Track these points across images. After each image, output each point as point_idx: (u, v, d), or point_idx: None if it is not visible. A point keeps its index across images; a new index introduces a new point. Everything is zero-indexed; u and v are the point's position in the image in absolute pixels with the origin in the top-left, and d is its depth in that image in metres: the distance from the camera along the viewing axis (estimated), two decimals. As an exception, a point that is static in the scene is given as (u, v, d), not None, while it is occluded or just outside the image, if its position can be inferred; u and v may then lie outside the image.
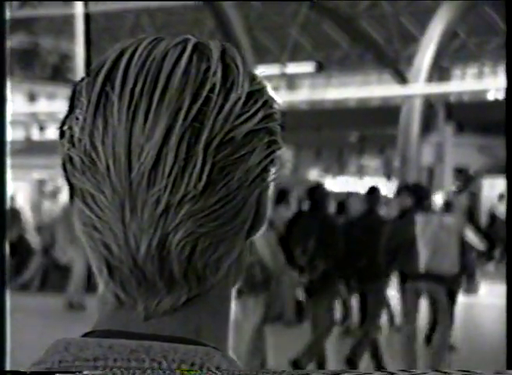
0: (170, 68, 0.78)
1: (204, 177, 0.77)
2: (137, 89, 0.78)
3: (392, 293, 8.36)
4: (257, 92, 0.81)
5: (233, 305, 0.84)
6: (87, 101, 0.79)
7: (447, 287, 7.59)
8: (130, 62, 0.79)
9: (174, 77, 0.78)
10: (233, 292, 0.84)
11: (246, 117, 0.79)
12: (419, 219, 7.45)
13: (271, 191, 0.83)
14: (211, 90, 0.78)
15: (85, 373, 0.77)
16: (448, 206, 7.95)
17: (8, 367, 3.44)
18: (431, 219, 7.49)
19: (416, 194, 7.70)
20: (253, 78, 0.82)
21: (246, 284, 7.04)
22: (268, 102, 0.82)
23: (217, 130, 0.77)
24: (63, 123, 0.82)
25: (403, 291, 7.59)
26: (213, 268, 0.80)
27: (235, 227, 0.80)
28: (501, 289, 4.78)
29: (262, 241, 7.14)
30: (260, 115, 0.80)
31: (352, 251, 7.66)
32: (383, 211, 10.17)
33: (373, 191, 8.20)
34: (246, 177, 0.79)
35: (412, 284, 7.44)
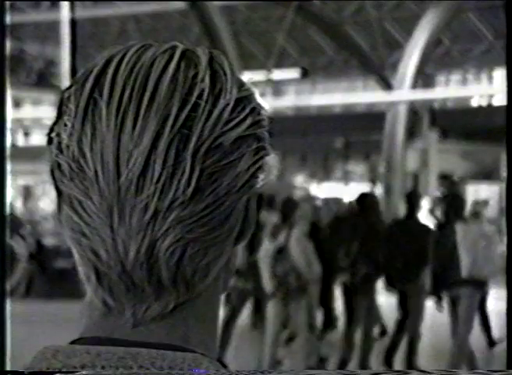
0: (158, 74, 0.78)
1: (193, 183, 0.77)
2: (125, 96, 0.77)
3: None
4: (245, 99, 0.81)
5: (221, 311, 0.84)
6: (76, 108, 0.79)
7: (484, 292, 8.08)
8: (118, 68, 0.79)
9: (162, 84, 0.78)
10: (221, 298, 0.84)
11: (234, 123, 0.79)
12: (459, 228, 7.84)
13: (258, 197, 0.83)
14: (200, 96, 0.78)
15: (84, 372, 0.77)
16: (477, 215, 8.20)
17: (8, 367, 3.43)
18: (469, 227, 7.87)
19: (454, 204, 8.10)
20: (241, 84, 0.82)
21: (281, 292, 7.38)
22: (256, 109, 0.82)
23: (205, 136, 0.77)
24: (51, 130, 0.81)
25: (443, 295, 7.97)
26: (202, 274, 0.79)
27: (223, 233, 0.80)
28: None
29: (298, 249, 7.37)
30: (248, 121, 0.80)
31: (393, 255, 7.99)
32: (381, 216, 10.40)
33: (412, 196, 8.51)
34: (234, 183, 0.79)
35: (453, 290, 7.79)
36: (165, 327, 0.79)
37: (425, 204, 17.73)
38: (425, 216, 17.28)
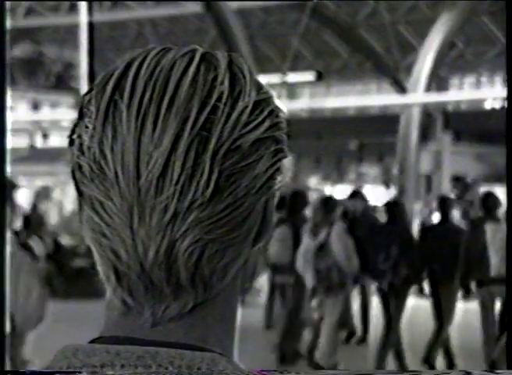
0: (178, 77, 0.78)
1: (212, 185, 0.77)
2: (146, 98, 0.78)
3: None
4: (263, 101, 0.81)
5: (239, 312, 0.84)
6: (97, 110, 0.79)
7: None
8: (139, 71, 0.79)
9: (182, 86, 0.78)
10: (239, 299, 0.84)
11: (253, 126, 0.79)
12: (488, 227, 8.05)
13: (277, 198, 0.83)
14: (219, 99, 0.78)
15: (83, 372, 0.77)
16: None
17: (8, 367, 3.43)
18: (499, 227, 8.02)
19: (487, 205, 8.31)
20: (259, 87, 0.82)
21: (323, 287, 7.73)
22: (275, 111, 0.82)
23: (224, 138, 0.77)
24: (72, 132, 0.82)
25: (479, 295, 8.23)
26: (220, 274, 0.79)
27: (241, 234, 0.79)
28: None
29: (339, 246, 7.72)
30: (266, 124, 0.80)
31: (428, 258, 8.28)
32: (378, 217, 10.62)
33: (446, 201, 8.83)
34: (253, 185, 0.79)
35: (487, 289, 8.04)
36: (183, 327, 0.79)
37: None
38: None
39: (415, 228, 18.20)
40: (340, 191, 26.20)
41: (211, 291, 0.79)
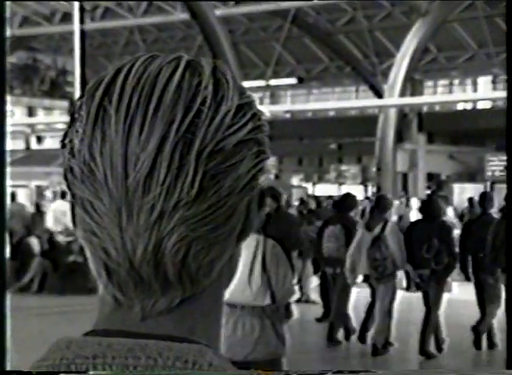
0: (164, 83, 0.79)
1: (196, 185, 0.77)
2: (133, 103, 0.78)
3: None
4: (246, 105, 0.81)
5: (224, 306, 0.84)
6: (87, 115, 0.79)
7: None
8: (127, 78, 0.79)
9: (167, 92, 0.78)
10: (225, 293, 0.84)
11: (235, 128, 0.79)
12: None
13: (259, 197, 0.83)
14: (203, 103, 0.78)
15: (91, 373, 0.77)
16: None
17: (8, 367, 3.41)
18: None
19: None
20: (242, 92, 0.82)
21: (378, 274, 8.48)
22: (257, 115, 0.82)
23: (208, 140, 0.78)
24: (65, 136, 0.82)
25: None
26: (206, 270, 0.80)
27: (225, 232, 0.80)
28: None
29: (393, 239, 8.45)
30: (249, 126, 0.80)
31: (470, 248, 8.89)
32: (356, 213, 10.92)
33: (486, 196, 9.35)
34: (236, 185, 0.79)
35: None
36: (172, 320, 0.79)
37: (415, 202, 17.75)
38: (415, 214, 17.29)
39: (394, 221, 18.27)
40: (321, 189, 26.25)
41: (198, 286, 0.80)
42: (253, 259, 4.99)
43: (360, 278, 8.68)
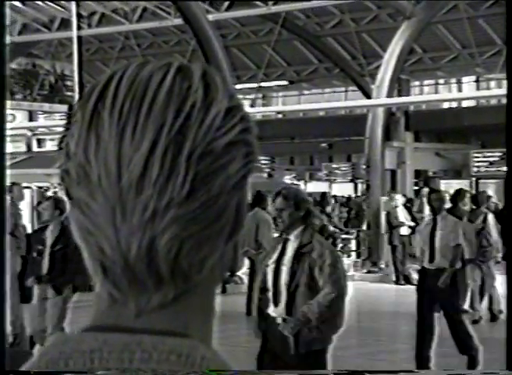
0: (155, 87, 0.79)
1: (187, 185, 0.77)
2: (126, 107, 0.78)
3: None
4: (235, 108, 0.82)
5: (217, 301, 0.84)
6: (81, 119, 0.80)
7: None
8: (120, 83, 0.80)
9: (159, 96, 0.79)
10: (216, 290, 0.84)
11: (225, 130, 0.80)
12: None
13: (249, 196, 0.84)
14: (193, 106, 0.79)
15: (99, 373, 0.77)
16: None
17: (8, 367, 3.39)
18: None
19: None
20: (231, 95, 0.82)
21: (482, 259, 10.07)
22: (245, 117, 0.83)
23: (198, 142, 0.78)
24: (61, 140, 0.82)
25: None
26: (197, 267, 0.80)
27: (216, 230, 0.80)
28: None
29: (494, 230, 9.96)
30: (238, 128, 0.81)
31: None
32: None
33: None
34: (226, 184, 0.80)
35: None
36: (165, 316, 0.80)
37: (400, 198, 17.74)
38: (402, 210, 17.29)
39: (383, 220, 18.30)
40: (312, 187, 26.24)
41: (190, 283, 0.80)
42: None
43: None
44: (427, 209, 17.13)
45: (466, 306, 9.13)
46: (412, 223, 16.86)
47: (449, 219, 8.70)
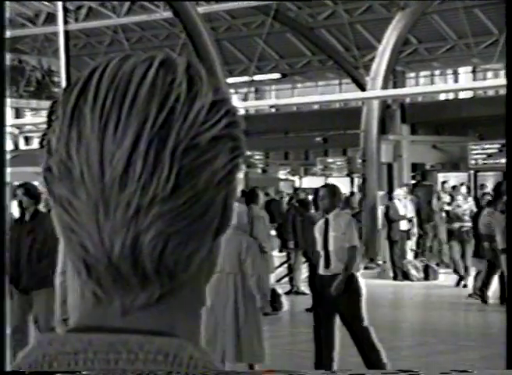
0: (138, 81, 0.79)
1: (172, 180, 0.77)
2: (108, 101, 0.78)
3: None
4: (220, 102, 0.81)
5: (206, 301, 0.84)
6: (63, 115, 0.80)
7: None
8: (102, 77, 0.79)
9: (142, 89, 0.78)
10: (206, 288, 0.84)
11: (210, 124, 0.80)
12: None
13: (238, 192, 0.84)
14: (176, 100, 0.79)
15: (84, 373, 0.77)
16: None
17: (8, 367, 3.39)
18: None
19: None
20: (216, 89, 0.82)
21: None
22: (231, 111, 0.82)
23: (182, 136, 0.78)
24: (43, 136, 0.82)
25: None
26: (183, 265, 0.80)
27: (202, 226, 0.80)
28: None
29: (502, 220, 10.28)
30: (223, 122, 0.81)
31: None
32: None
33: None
34: (211, 179, 0.79)
35: None
36: (152, 315, 0.80)
37: (400, 191, 17.76)
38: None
39: (379, 213, 18.33)
40: (308, 182, 26.25)
41: (177, 281, 0.80)
42: None
43: None
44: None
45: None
46: (413, 215, 16.96)
47: (342, 217, 7.86)
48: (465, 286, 14.35)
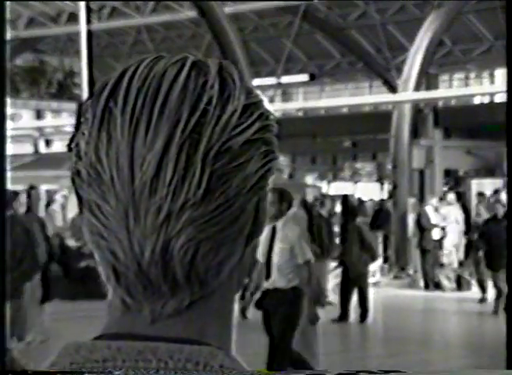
0: (169, 83, 0.79)
1: (203, 185, 0.77)
2: (138, 104, 0.79)
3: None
4: (253, 105, 0.82)
5: (236, 308, 0.84)
6: (92, 118, 0.80)
7: None
8: (132, 79, 0.80)
9: (173, 92, 0.79)
10: (236, 296, 0.84)
11: (242, 128, 0.80)
12: None
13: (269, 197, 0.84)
14: (209, 102, 0.79)
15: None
16: None
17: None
18: None
19: None
20: (249, 92, 0.82)
21: None
22: (264, 114, 0.83)
23: (214, 140, 0.78)
24: (72, 139, 0.83)
25: None
26: (214, 271, 0.80)
27: (234, 233, 0.80)
28: None
29: None
30: (256, 126, 0.81)
31: None
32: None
33: None
34: (244, 185, 0.80)
35: None
36: (181, 323, 0.80)
37: (432, 199, 17.67)
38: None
39: (410, 222, 18.24)
40: (336, 188, 26.17)
41: (207, 288, 0.80)
42: None
43: None
44: (455, 213, 17.16)
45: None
46: (445, 224, 16.86)
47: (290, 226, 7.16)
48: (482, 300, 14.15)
